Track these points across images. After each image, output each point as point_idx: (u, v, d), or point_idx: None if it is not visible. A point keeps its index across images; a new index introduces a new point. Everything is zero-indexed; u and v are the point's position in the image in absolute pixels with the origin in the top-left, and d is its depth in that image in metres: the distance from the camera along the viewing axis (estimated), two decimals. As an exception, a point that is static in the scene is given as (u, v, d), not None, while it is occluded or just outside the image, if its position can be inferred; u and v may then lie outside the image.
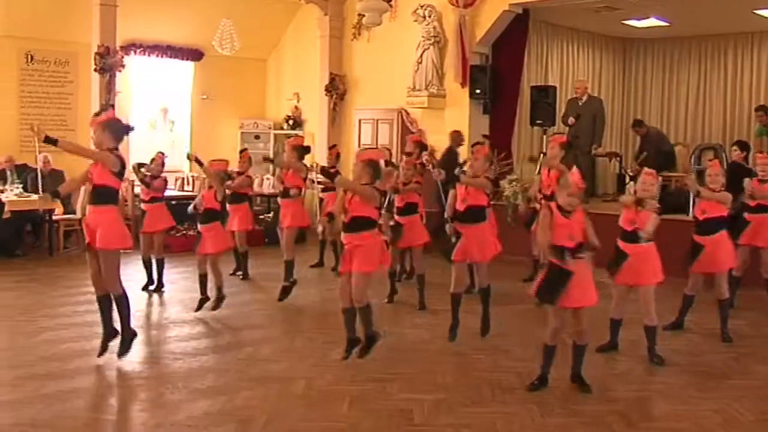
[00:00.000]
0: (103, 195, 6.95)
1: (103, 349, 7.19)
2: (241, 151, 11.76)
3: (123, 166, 6.98)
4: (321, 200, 11.79)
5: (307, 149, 10.47)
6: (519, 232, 10.42)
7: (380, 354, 7.44)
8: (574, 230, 6.25)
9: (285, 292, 9.72)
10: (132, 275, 10.14)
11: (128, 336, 7.25)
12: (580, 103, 14.07)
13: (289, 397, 6.39)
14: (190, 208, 9.32)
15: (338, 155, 12.53)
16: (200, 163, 9.23)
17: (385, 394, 6.44)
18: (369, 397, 6.36)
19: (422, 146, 10.96)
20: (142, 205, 10.41)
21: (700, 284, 8.35)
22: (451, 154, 12.79)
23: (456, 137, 13.25)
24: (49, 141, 6.70)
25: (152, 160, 10.39)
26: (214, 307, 8.98)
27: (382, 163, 7.28)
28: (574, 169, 7.84)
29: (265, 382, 6.71)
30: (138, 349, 7.59)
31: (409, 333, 8.38)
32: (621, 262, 7.23)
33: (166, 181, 10.50)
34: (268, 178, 15.83)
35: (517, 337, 8.21)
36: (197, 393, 6.46)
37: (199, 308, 9.02)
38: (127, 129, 7.24)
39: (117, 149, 7.00)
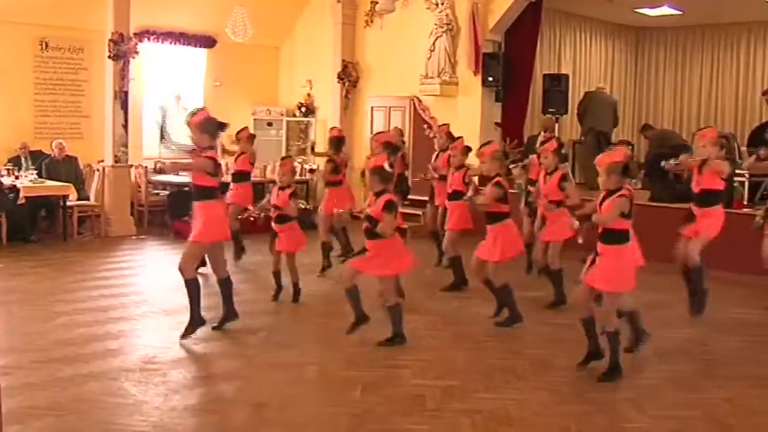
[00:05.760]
0: (198, 193, 7.56)
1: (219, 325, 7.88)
2: (239, 131, 11.41)
3: (217, 166, 7.48)
4: None
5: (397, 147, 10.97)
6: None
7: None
8: None
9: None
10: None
11: (196, 321, 7.65)
12: None
13: (302, 382, 6.44)
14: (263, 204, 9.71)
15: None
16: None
17: (398, 380, 6.49)
18: (382, 382, 6.41)
19: (392, 148, 10.51)
20: None
21: None
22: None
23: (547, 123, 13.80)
24: (160, 171, 8.99)
25: None
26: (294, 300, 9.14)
27: (386, 165, 7.44)
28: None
29: (279, 367, 6.77)
30: (151, 334, 7.68)
31: (421, 319, 8.40)
32: None
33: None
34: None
35: (530, 324, 8.23)
36: (211, 377, 6.53)
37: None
38: (221, 126, 7.60)
39: (213, 147, 7.55)
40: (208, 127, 7.46)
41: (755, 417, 5.89)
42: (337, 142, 11.15)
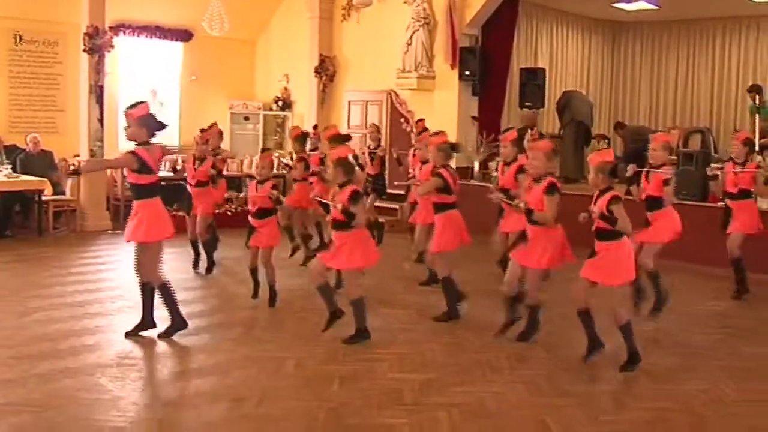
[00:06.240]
0: (135, 191, 7.33)
1: (134, 332, 7.45)
2: (210, 126, 11.07)
3: (142, 162, 7.08)
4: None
5: (347, 137, 10.24)
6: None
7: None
8: None
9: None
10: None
11: (176, 324, 7.47)
12: None
13: (280, 376, 6.43)
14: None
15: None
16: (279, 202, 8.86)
17: (375, 374, 6.49)
18: (359, 376, 6.41)
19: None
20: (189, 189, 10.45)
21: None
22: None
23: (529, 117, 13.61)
24: (75, 173, 8.29)
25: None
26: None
27: (350, 157, 7.44)
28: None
29: (257, 361, 6.75)
30: (128, 329, 7.62)
31: (399, 313, 8.43)
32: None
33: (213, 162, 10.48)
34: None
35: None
36: (189, 372, 6.51)
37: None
38: (161, 126, 7.33)
39: (148, 143, 7.18)
40: (149, 121, 7.18)
41: (730, 408, 5.93)
42: (302, 139, 11.06)
